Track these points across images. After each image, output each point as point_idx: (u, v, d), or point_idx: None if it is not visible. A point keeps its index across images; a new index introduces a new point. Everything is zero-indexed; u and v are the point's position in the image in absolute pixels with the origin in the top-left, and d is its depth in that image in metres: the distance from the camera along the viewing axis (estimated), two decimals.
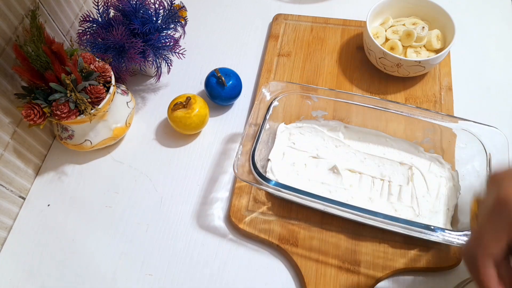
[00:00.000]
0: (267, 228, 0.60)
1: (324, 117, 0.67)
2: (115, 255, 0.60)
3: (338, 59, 0.78)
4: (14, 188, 0.63)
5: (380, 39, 0.72)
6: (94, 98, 0.59)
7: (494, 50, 0.79)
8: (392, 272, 0.56)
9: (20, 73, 0.56)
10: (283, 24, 0.83)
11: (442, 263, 0.56)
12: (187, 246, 0.61)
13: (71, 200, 0.65)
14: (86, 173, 0.68)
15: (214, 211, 0.64)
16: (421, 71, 0.70)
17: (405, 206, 0.59)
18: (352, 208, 0.52)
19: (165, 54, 0.69)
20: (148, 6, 0.67)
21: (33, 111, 0.56)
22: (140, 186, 0.66)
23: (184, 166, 0.68)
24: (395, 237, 0.58)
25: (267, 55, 0.78)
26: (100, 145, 0.66)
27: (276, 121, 0.66)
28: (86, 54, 0.62)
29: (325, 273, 0.57)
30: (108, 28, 0.65)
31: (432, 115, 0.60)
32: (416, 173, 0.62)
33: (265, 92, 0.62)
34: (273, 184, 0.54)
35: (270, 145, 0.65)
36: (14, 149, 0.61)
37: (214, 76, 0.70)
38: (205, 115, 0.68)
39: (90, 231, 0.63)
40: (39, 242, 0.62)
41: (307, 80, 0.75)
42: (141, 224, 0.63)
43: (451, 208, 0.58)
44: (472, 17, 0.83)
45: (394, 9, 0.76)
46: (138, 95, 0.76)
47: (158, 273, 0.59)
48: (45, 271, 0.60)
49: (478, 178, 0.56)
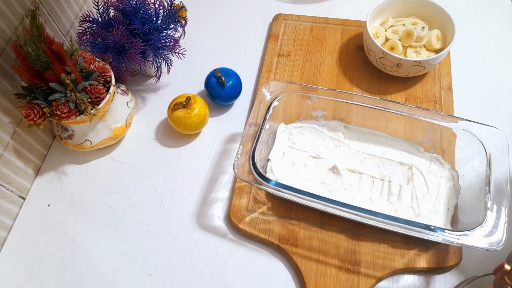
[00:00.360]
0: (267, 228, 0.60)
1: (324, 117, 0.67)
2: (115, 255, 0.60)
3: (338, 59, 0.78)
4: (14, 188, 0.63)
5: (380, 39, 0.72)
6: (94, 98, 0.59)
7: (494, 50, 0.79)
8: (392, 272, 0.57)
9: (20, 73, 0.56)
10: (283, 24, 0.83)
11: (442, 263, 0.56)
12: (187, 246, 0.61)
13: (71, 200, 0.65)
14: (86, 173, 0.68)
15: (214, 211, 0.64)
16: (421, 71, 0.70)
17: (405, 206, 0.59)
18: (352, 208, 0.52)
19: (165, 54, 0.69)
20: (148, 6, 0.67)
21: (33, 111, 0.56)
22: (140, 186, 0.66)
23: (184, 166, 0.68)
24: (395, 237, 0.58)
25: (267, 55, 0.78)
26: (100, 145, 0.66)
27: (276, 121, 0.66)
28: (86, 54, 0.62)
29: (325, 273, 0.57)
30: (108, 28, 0.65)
31: (432, 115, 0.60)
32: (416, 173, 0.62)
33: (265, 92, 0.62)
34: (273, 184, 0.54)
35: (270, 145, 0.65)
36: (14, 149, 0.61)
37: (214, 76, 0.70)
38: (205, 115, 0.68)
39: (90, 231, 0.63)
40: (39, 242, 0.62)
41: (307, 80, 0.75)
42: (141, 224, 0.63)
43: (451, 208, 0.58)
44: (472, 17, 0.83)
45: (394, 9, 0.76)
46: (138, 95, 0.76)
47: (158, 273, 0.59)
48: (45, 271, 0.60)
49: (478, 178, 0.56)
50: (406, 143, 0.65)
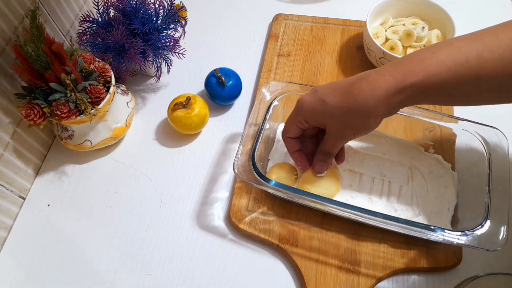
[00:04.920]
0: (267, 228, 0.60)
1: None
2: (115, 255, 0.60)
3: (338, 59, 0.78)
4: (14, 188, 0.63)
5: (380, 39, 0.72)
6: (94, 98, 0.59)
7: None
8: (392, 272, 0.56)
9: (20, 73, 0.56)
10: (283, 24, 0.83)
11: (442, 263, 0.56)
12: (187, 246, 0.61)
13: (71, 200, 0.65)
14: (86, 173, 0.68)
15: (214, 211, 0.64)
16: None
17: (405, 206, 0.59)
18: (352, 208, 0.52)
19: (165, 54, 0.69)
20: (148, 6, 0.68)
21: (33, 111, 0.56)
22: (140, 186, 0.66)
23: (184, 166, 0.68)
24: (395, 237, 0.58)
25: (267, 55, 0.78)
26: (100, 145, 0.66)
27: (276, 121, 0.66)
28: (86, 54, 0.62)
29: (325, 273, 0.57)
30: (108, 28, 0.65)
31: (432, 115, 0.60)
32: (416, 173, 0.62)
33: (265, 92, 0.62)
34: (273, 184, 0.54)
35: (270, 145, 0.65)
36: (14, 149, 0.61)
37: (214, 76, 0.70)
38: (205, 115, 0.68)
39: (90, 231, 0.63)
40: (39, 242, 0.62)
41: (307, 80, 0.75)
42: (141, 224, 0.63)
43: (451, 208, 0.58)
44: (472, 17, 0.83)
45: (394, 9, 0.76)
46: (138, 95, 0.76)
47: (158, 273, 0.59)
48: (45, 271, 0.60)
49: (478, 178, 0.56)
50: (406, 143, 0.65)
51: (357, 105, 0.46)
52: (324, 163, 0.56)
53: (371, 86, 0.46)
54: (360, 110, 0.47)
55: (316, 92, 0.50)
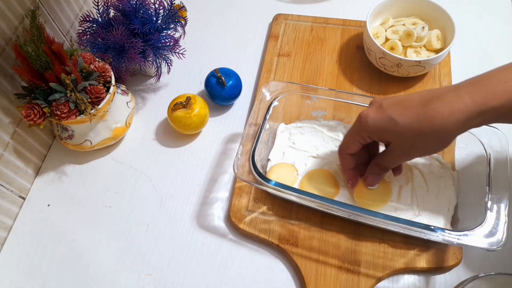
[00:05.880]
0: (267, 228, 0.60)
1: (324, 117, 0.67)
2: (115, 255, 0.60)
3: (338, 59, 0.78)
4: (14, 188, 0.63)
5: (380, 39, 0.72)
6: (94, 98, 0.59)
7: (494, 50, 0.78)
8: (392, 272, 0.56)
9: (20, 73, 0.56)
10: (283, 24, 0.83)
11: (442, 263, 0.56)
12: (187, 246, 0.61)
13: (71, 200, 0.65)
14: (86, 173, 0.68)
15: (214, 211, 0.64)
16: (421, 71, 0.70)
17: (405, 206, 0.59)
18: (352, 208, 0.52)
19: (165, 54, 0.69)
20: (148, 6, 0.68)
21: (33, 111, 0.56)
22: (140, 186, 0.66)
23: (184, 166, 0.68)
24: (395, 237, 0.58)
25: (267, 55, 0.78)
26: (100, 145, 0.66)
27: (276, 121, 0.66)
28: (86, 54, 0.62)
29: (325, 273, 0.57)
30: (108, 28, 0.65)
31: None
32: (416, 173, 0.62)
33: (265, 92, 0.62)
34: (273, 184, 0.54)
35: (270, 145, 0.65)
36: (14, 149, 0.61)
37: (214, 76, 0.70)
38: (205, 115, 0.68)
39: (90, 231, 0.63)
40: (39, 242, 0.62)
41: (307, 80, 0.75)
42: (141, 224, 0.63)
43: (451, 208, 0.58)
44: (472, 17, 0.83)
45: (394, 9, 0.76)
46: (138, 95, 0.76)
47: (158, 273, 0.59)
48: (45, 271, 0.60)
49: (478, 178, 0.56)
50: None
51: (432, 128, 0.44)
52: (378, 176, 0.55)
53: (449, 109, 0.44)
54: (436, 134, 0.45)
55: (383, 109, 0.48)
